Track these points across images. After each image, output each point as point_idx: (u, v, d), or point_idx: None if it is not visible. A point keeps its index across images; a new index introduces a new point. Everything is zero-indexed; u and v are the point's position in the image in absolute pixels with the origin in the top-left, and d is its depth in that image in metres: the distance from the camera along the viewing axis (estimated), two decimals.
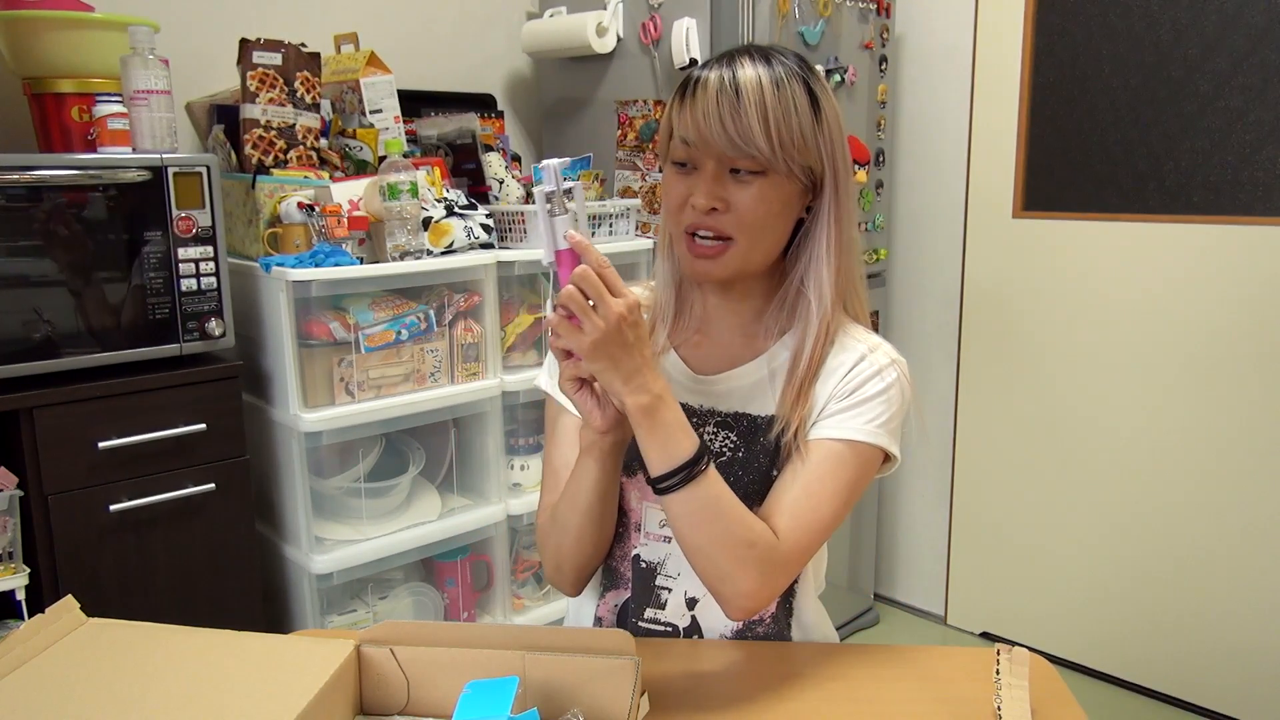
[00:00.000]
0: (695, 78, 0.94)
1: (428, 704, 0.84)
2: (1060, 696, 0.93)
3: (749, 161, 0.92)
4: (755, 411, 1.01)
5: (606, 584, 1.09)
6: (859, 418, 0.96)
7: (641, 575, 1.05)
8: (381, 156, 1.94)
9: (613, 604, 1.09)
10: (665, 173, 0.99)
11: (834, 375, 0.98)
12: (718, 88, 0.91)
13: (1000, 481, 2.58)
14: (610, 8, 2.25)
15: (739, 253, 0.95)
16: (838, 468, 0.95)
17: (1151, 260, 2.25)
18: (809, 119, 0.93)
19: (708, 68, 0.94)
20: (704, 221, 0.94)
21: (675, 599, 1.04)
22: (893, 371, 0.98)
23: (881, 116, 2.51)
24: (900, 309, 2.76)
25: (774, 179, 0.93)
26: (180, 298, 1.59)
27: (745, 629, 1.04)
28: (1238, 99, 2.09)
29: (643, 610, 1.05)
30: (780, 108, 0.91)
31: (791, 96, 0.92)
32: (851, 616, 2.71)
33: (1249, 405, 2.15)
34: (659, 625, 1.05)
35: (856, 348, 1.00)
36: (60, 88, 1.63)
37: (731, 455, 1.00)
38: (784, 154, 0.91)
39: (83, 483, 1.50)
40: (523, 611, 2.07)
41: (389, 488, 1.86)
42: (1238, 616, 2.22)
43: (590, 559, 1.03)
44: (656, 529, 1.03)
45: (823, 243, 0.98)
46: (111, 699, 0.76)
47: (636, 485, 1.03)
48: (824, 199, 0.97)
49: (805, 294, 0.99)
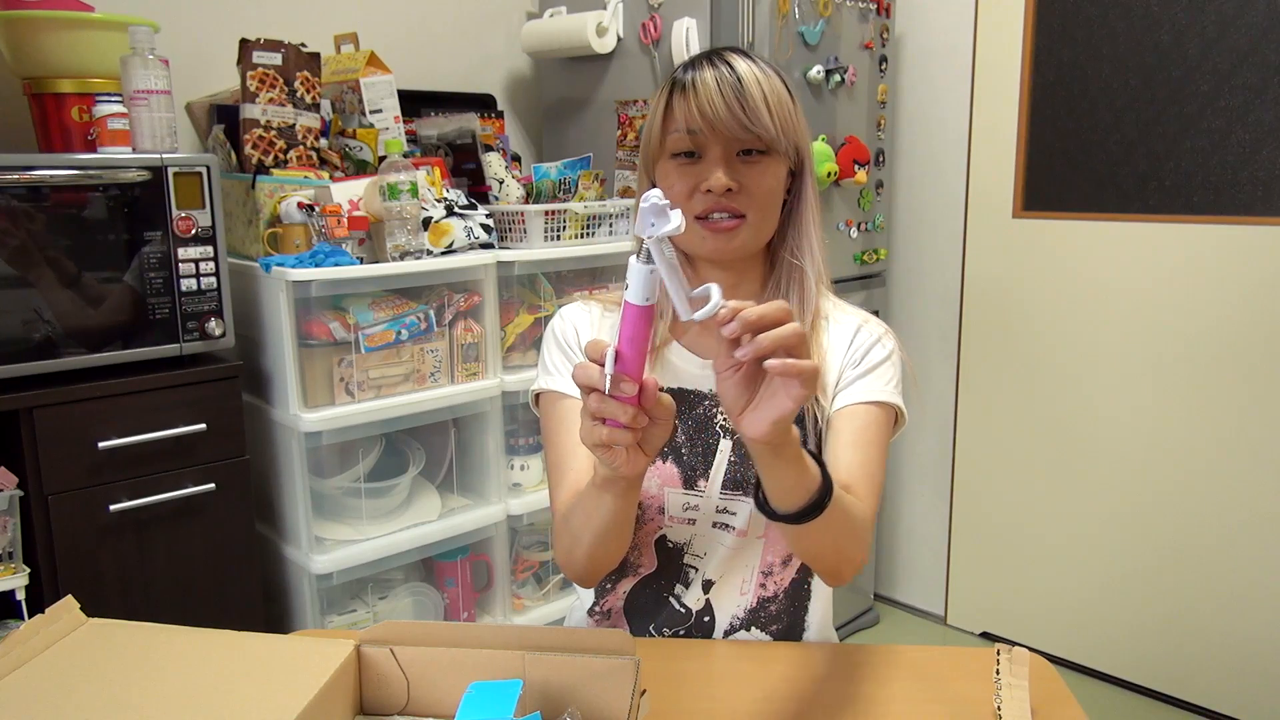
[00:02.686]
0: (688, 75, 0.99)
1: (428, 704, 0.84)
2: (1060, 696, 0.93)
3: (756, 142, 0.98)
4: None
5: (616, 575, 1.10)
6: (877, 380, 1.02)
7: (669, 554, 1.08)
8: (381, 156, 1.94)
9: (623, 591, 1.10)
10: (664, 168, 1.02)
11: (838, 346, 1.05)
12: (717, 79, 0.97)
13: (1000, 481, 2.58)
14: (610, 8, 2.25)
15: (751, 228, 1.01)
16: (876, 429, 1.01)
17: (1151, 260, 2.25)
18: (791, 103, 1.02)
19: (695, 67, 1.00)
20: (720, 203, 0.99)
21: (697, 581, 1.07)
22: (890, 339, 1.06)
23: (881, 116, 2.51)
24: (900, 309, 2.75)
25: (775, 158, 1.00)
26: (180, 298, 1.59)
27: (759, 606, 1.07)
28: (1238, 99, 2.09)
29: (673, 586, 1.08)
30: (774, 93, 0.99)
31: (778, 84, 1.00)
32: (851, 616, 2.71)
33: (1249, 405, 2.15)
34: (683, 606, 1.08)
35: (850, 320, 1.07)
36: (60, 88, 1.63)
37: None
38: (784, 134, 0.99)
39: (83, 483, 1.50)
40: (523, 611, 2.07)
41: (389, 488, 1.86)
42: (1237, 616, 2.22)
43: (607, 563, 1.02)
44: (680, 512, 1.06)
45: (808, 218, 1.06)
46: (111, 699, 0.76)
47: (659, 472, 1.04)
48: (805, 178, 1.05)
49: (799, 266, 1.05)
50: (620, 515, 0.92)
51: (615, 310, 1.12)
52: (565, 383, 1.06)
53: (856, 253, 2.51)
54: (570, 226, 2.02)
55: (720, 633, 1.08)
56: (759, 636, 1.08)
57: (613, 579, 1.10)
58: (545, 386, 1.09)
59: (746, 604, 1.07)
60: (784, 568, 1.07)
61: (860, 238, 2.50)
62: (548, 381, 1.08)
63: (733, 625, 1.08)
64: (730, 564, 1.06)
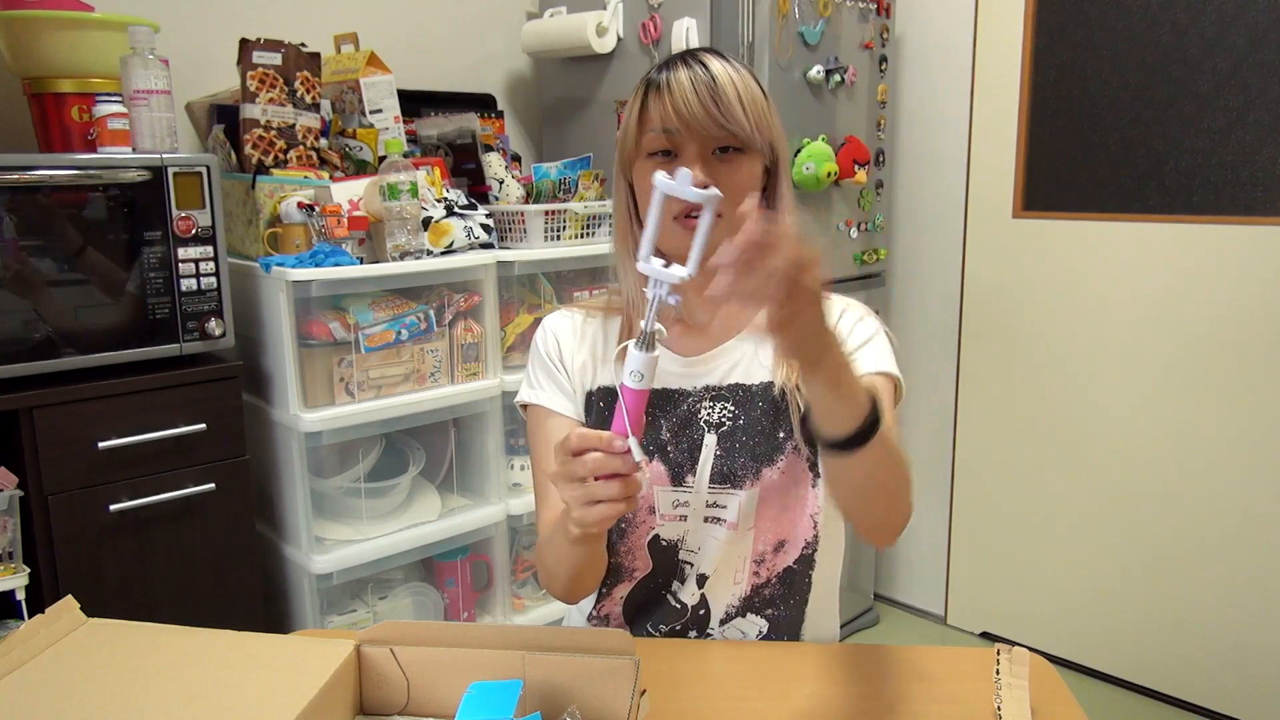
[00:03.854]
0: (661, 76, 1.01)
1: (428, 704, 0.84)
2: (1060, 696, 0.93)
3: (731, 139, 0.99)
4: (745, 380, 1.07)
5: (612, 581, 1.10)
6: (873, 353, 1.04)
7: (664, 553, 1.08)
8: (381, 156, 1.94)
9: (619, 596, 1.11)
10: (640, 168, 1.03)
11: None
12: (691, 78, 0.98)
13: (1000, 481, 2.58)
14: (610, 8, 2.25)
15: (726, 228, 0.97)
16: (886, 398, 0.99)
17: (1151, 260, 2.25)
18: (765, 101, 1.03)
19: (669, 68, 1.01)
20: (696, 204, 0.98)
21: (693, 576, 1.08)
22: (871, 318, 1.08)
23: (881, 116, 2.51)
24: (900, 309, 2.75)
25: (750, 155, 1.01)
26: (180, 298, 1.59)
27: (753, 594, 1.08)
28: (1238, 99, 2.09)
29: (669, 584, 1.09)
30: (748, 91, 1.00)
31: (752, 83, 1.02)
32: (851, 616, 2.71)
33: (1250, 405, 2.15)
34: (676, 603, 1.09)
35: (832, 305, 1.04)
36: (60, 88, 1.63)
37: (732, 424, 1.05)
38: (758, 130, 1.00)
39: (83, 483, 1.50)
40: (523, 611, 2.07)
41: (389, 488, 1.86)
42: (1238, 617, 2.22)
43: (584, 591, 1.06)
44: (670, 509, 1.07)
45: (784, 213, 1.06)
46: (111, 699, 0.76)
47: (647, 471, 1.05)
48: (779, 175, 1.06)
49: None
50: (593, 557, 0.98)
51: (596, 316, 1.13)
52: (549, 398, 1.10)
53: (856, 253, 2.51)
54: (570, 226, 2.02)
55: (716, 623, 1.09)
56: (755, 623, 1.09)
57: (608, 584, 1.11)
58: (530, 400, 1.12)
59: (740, 593, 1.08)
60: (775, 554, 1.08)
61: (860, 238, 2.50)
62: (532, 395, 1.12)
63: (728, 614, 1.09)
64: (723, 556, 1.07)
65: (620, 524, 1.07)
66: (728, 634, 1.09)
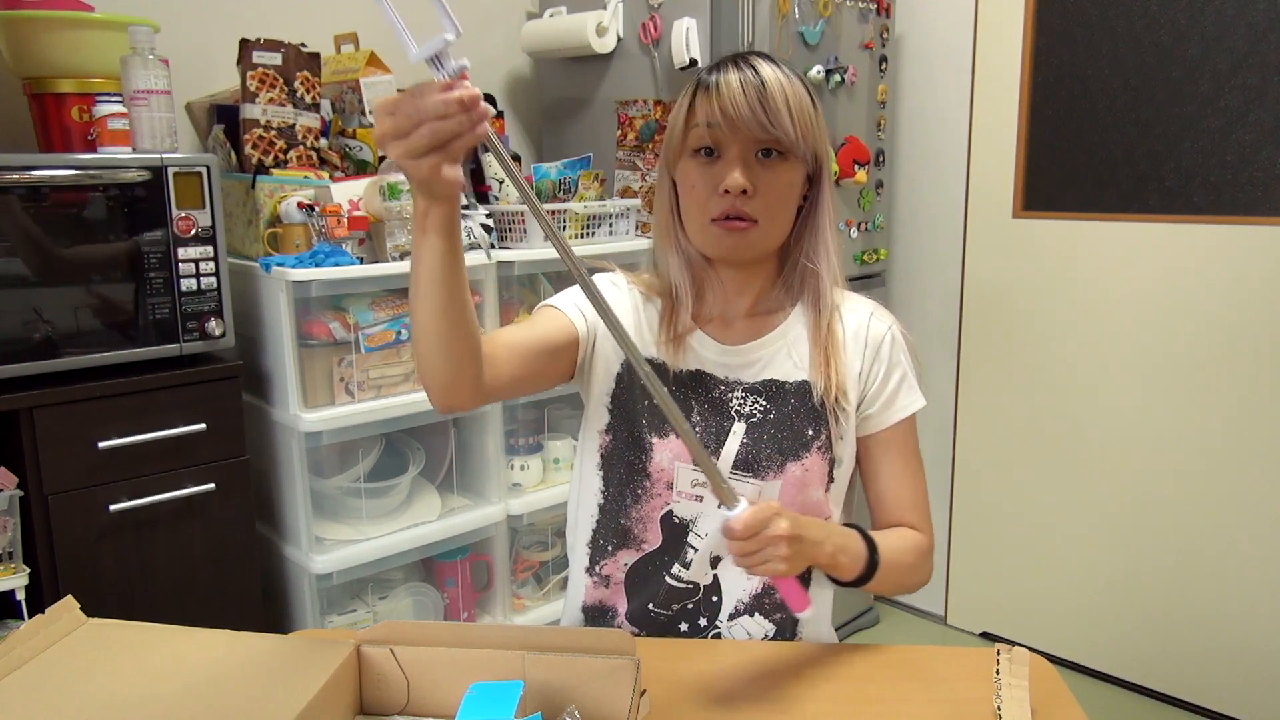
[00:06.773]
0: (712, 77, 1.02)
1: (428, 704, 0.84)
2: (1060, 696, 0.93)
3: (775, 143, 1.00)
4: (780, 377, 1.09)
5: (617, 542, 1.11)
6: (903, 389, 1.11)
7: (674, 530, 1.09)
8: (381, 156, 1.94)
9: (624, 562, 1.11)
10: (684, 166, 1.05)
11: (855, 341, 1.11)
12: (741, 79, 1.00)
13: (1000, 481, 2.58)
14: (610, 8, 2.25)
15: (762, 231, 1.03)
16: (913, 440, 1.12)
17: (1151, 260, 2.25)
18: (813, 109, 1.04)
19: (720, 69, 1.02)
20: (735, 208, 1.01)
21: (701, 557, 1.09)
22: (896, 329, 1.14)
23: (881, 116, 2.51)
24: (900, 309, 2.75)
25: (792, 162, 1.03)
26: (180, 298, 1.59)
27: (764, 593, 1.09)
28: (1238, 99, 2.09)
29: (671, 565, 1.10)
30: (796, 97, 1.01)
31: (801, 89, 1.03)
32: (851, 616, 2.71)
33: (1250, 405, 2.15)
34: (681, 583, 1.09)
35: (861, 307, 1.14)
36: (60, 88, 1.63)
37: (763, 417, 1.08)
38: (803, 138, 1.01)
39: (83, 483, 1.50)
40: (523, 611, 2.07)
41: (389, 488, 1.86)
42: (1238, 616, 2.22)
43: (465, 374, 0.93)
44: (689, 488, 1.08)
45: (824, 223, 1.09)
46: (111, 699, 0.76)
47: (669, 445, 1.07)
48: (822, 184, 1.08)
49: (814, 269, 1.10)
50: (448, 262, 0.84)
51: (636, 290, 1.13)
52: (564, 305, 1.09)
53: (856, 253, 2.51)
54: (570, 226, 2.02)
55: (725, 614, 1.09)
56: (761, 624, 1.10)
57: (614, 545, 1.11)
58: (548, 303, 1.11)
59: (753, 588, 1.09)
60: None
61: (860, 238, 2.50)
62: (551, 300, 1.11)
63: (737, 609, 1.09)
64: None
65: (636, 490, 1.08)
66: (734, 632, 1.09)
